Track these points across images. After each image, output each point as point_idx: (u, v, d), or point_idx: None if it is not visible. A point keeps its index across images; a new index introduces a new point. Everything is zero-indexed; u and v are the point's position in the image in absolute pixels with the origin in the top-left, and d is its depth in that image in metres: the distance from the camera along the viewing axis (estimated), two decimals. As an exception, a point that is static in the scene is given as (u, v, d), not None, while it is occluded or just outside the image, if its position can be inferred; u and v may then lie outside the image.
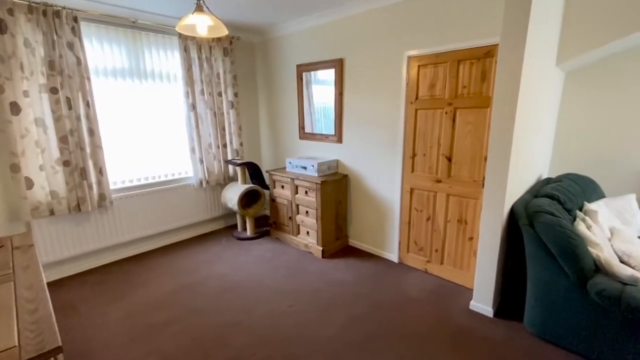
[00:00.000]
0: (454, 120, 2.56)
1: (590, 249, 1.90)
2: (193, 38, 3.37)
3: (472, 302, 2.35)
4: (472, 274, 2.62)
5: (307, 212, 3.28)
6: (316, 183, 3.08)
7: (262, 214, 4.57)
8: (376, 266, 3.04)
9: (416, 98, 2.74)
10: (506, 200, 2.11)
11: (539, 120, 2.66)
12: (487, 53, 2.33)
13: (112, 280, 2.85)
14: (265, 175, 4.43)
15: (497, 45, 2.24)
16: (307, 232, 3.34)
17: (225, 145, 3.84)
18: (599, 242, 1.97)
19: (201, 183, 3.67)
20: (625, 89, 3.09)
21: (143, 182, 3.35)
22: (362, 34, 2.99)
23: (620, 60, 3.07)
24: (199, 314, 2.35)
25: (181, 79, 3.40)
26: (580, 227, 2.06)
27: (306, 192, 3.23)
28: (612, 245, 2.17)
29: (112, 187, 3.13)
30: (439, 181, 2.72)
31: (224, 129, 3.80)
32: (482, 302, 2.29)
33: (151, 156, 3.37)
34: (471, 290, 2.55)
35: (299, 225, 3.43)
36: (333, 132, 3.43)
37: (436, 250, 2.82)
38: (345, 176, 3.36)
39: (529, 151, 2.51)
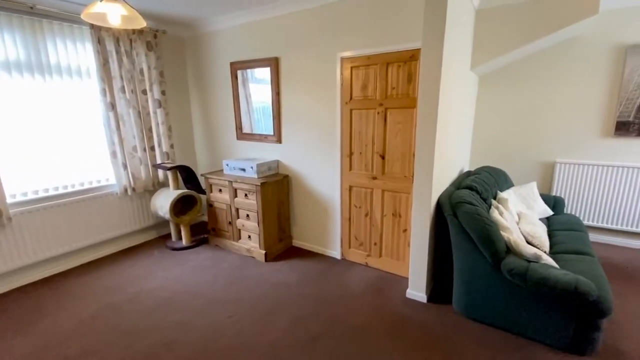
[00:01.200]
0: (385, 120, 2.69)
1: (502, 232, 2.14)
2: (109, 29, 3.01)
3: (408, 290, 2.50)
4: (407, 263, 2.78)
5: (247, 215, 3.16)
6: (256, 185, 2.99)
7: (199, 221, 4.31)
8: (320, 265, 3.06)
9: (350, 98, 2.82)
10: (433, 193, 2.28)
11: (459, 119, 2.93)
12: (412, 56, 2.48)
13: (16, 310, 2.42)
14: (201, 179, 4.17)
15: (420, 49, 2.40)
16: (249, 236, 3.22)
17: (153, 148, 3.51)
18: (509, 226, 2.24)
19: (126, 190, 3.31)
20: (527, 91, 3.58)
21: (53, 193, 2.90)
22: (296, 34, 2.98)
23: (522, 66, 3.54)
24: (126, 337, 2.11)
25: (95, 75, 3.02)
26: (494, 213, 2.31)
27: (246, 195, 3.12)
28: (519, 228, 2.49)
29: (9, 200, 2.65)
30: (374, 178, 2.83)
31: (150, 130, 3.48)
32: (417, 290, 2.45)
33: (62, 163, 2.93)
34: (407, 279, 2.71)
35: (239, 230, 3.30)
36: (272, 132, 3.37)
37: (375, 244, 2.94)
38: (286, 176, 3.32)
39: (451, 147, 2.75)
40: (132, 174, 3.33)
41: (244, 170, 3.18)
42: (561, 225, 2.80)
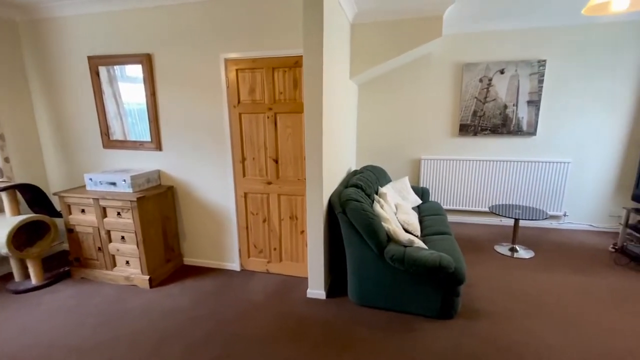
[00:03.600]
0: (275, 124, 2.69)
1: (384, 223, 2.40)
2: None
3: (308, 290, 2.55)
4: (307, 264, 2.84)
5: (123, 237, 2.69)
6: (131, 201, 2.57)
7: (56, 251, 3.46)
8: (217, 280, 2.84)
9: (239, 102, 2.71)
10: (324, 194, 2.39)
11: (344, 123, 3.17)
12: (296, 63, 2.55)
13: None
14: (55, 200, 3.36)
15: (302, 56, 2.48)
16: (127, 262, 2.75)
17: (-27, 164, 2.64)
18: (389, 217, 2.53)
19: None
20: (397, 98, 4.13)
21: None
22: (174, 29, 2.69)
23: (393, 77, 4.07)
24: None
25: None
26: (377, 207, 2.57)
27: (119, 214, 2.64)
28: (397, 218, 2.84)
29: None
30: (269, 183, 2.79)
31: (-33, 141, 2.61)
32: (316, 288, 2.52)
33: None
34: (308, 279, 2.77)
35: (113, 256, 2.78)
36: (149, 139, 2.96)
37: (275, 249, 2.91)
38: (171, 188, 2.97)
39: (339, 149, 2.94)
40: (-64, 200, 2.42)
41: (114, 184, 2.69)
42: (428, 211, 3.33)
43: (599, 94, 3.60)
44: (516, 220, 3.22)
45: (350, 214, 2.26)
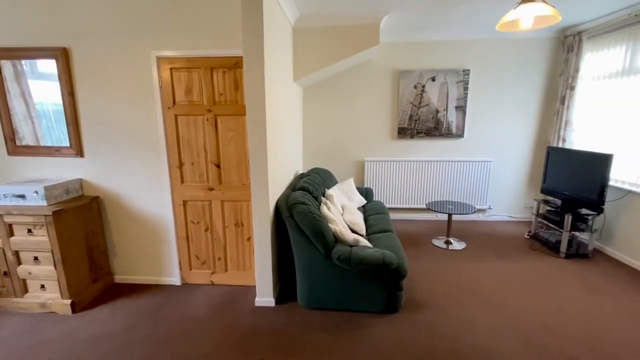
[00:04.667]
0: (216, 127, 2.56)
1: (331, 225, 2.42)
2: None
3: (256, 299, 2.47)
4: (254, 272, 2.75)
5: (36, 258, 2.32)
6: (45, 215, 2.23)
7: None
8: (155, 298, 2.60)
9: (174, 103, 2.53)
10: (270, 198, 2.33)
11: (289, 126, 3.14)
12: (236, 64, 2.46)
13: None
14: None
15: (242, 57, 2.41)
16: (42, 286, 2.38)
17: None
18: (336, 218, 2.57)
19: None
20: (342, 102, 4.24)
21: None
22: (95, 22, 2.42)
23: (337, 81, 4.17)
24: None
25: None
26: (324, 209, 2.59)
27: (30, 231, 2.28)
28: (344, 218, 2.90)
29: None
30: (211, 189, 2.65)
31: None
32: (265, 296, 2.45)
33: None
34: (255, 287, 2.68)
35: (24, 280, 2.38)
36: (68, 144, 2.61)
37: (219, 259, 2.76)
38: (96, 199, 2.65)
39: (284, 152, 2.91)
40: None
41: (22, 197, 2.31)
42: (372, 210, 3.47)
43: (513, 101, 4.11)
44: (449, 215, 3.51)
45: (298, 217, 2.24)
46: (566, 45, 3.77)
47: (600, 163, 3.01)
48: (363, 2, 2.82)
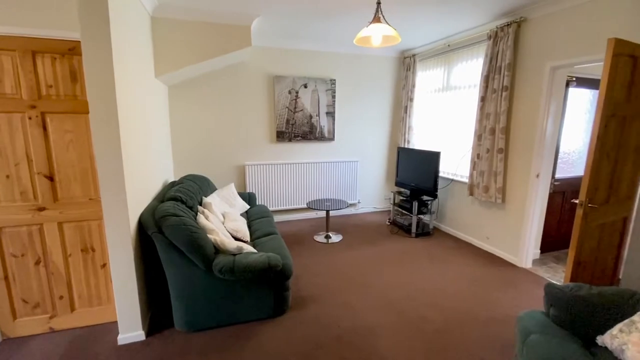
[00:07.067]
0: (45, 128, 1.99)
1: (210, 235, 2.23)
2: None
3: (119, 337, 2.03)
4: (114, 305, 2.26)
5: None
6: None
7: None
8: (-52, 372, 1.81)
9: (-32, 95, 1.82)
10: (130, 213, 1.96)
11: (152, 128, 2.73)
12: (73, 49, 1.97)
13: None
14: None
15: (80, 41, 1.95)
16: None
17: None
18: (215, 227, 2.38)
19: None
20: (216, 104, 3.98)
21: None
22: None
23: (208, 81, 3.89)
24: None
25: None
26: (201, 219, 2.36)
27: None
28: (225, 226, 2.72)
29: None
30: (42, 209, 2.04)
31: None
32: (131, 330, 2.05)
33: None
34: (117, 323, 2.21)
35: None
36: None
37: (61, 298, 2.15)
38: None
39: (148, 158, 2.51)
40: None
41: None
42: (256, 215, 3.40)
43: (372, 109, 4.77)
44: (327, 212, 3.79)
45: (169, 231, 1.96)
46: (405, 64, 4.64)
47: (433, 159, 3.82)
48: (229, 2, 2.72)
